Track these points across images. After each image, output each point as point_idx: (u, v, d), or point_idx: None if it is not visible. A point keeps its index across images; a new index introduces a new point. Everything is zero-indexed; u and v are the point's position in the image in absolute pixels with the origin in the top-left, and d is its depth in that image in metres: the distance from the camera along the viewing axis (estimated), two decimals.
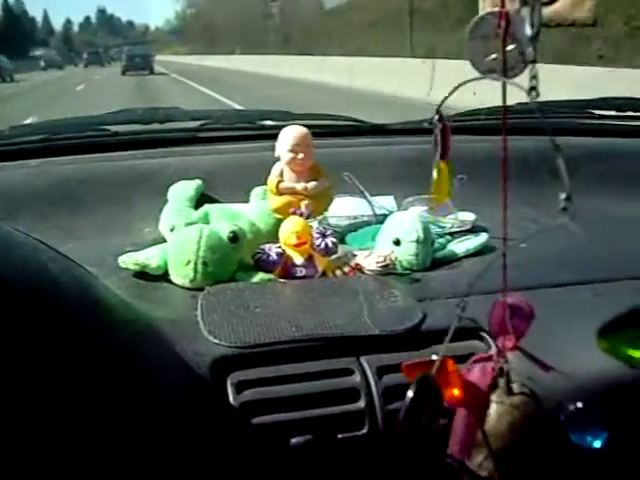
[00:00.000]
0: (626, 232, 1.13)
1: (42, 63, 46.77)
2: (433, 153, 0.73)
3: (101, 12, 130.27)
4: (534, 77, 0.38)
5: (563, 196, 0.40)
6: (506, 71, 0.44)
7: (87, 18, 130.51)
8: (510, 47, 0.43)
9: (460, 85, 0.49)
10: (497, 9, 0.43)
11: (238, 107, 9.17)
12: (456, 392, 0.53)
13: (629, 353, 0.46)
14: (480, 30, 0.44)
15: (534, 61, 0.38)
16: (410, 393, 0.52)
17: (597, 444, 0.55)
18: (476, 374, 0.53)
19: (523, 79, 0.43)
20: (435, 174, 0.54)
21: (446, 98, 0.53)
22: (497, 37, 0.43)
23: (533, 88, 0.39)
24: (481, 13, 0.44)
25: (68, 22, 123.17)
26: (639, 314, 0.42)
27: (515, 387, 0.52)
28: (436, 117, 0.54)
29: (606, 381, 0.75)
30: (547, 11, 0.45)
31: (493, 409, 0.53)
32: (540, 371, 0.70)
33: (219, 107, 10.71)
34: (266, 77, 21.68)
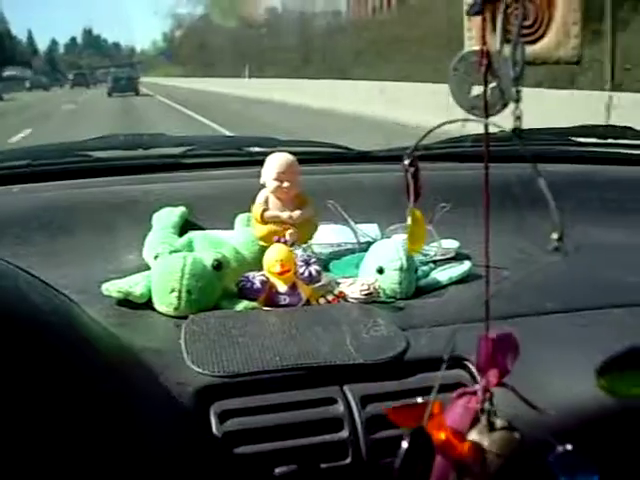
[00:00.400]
0: (608, 260, 1.14)
1: (27, 84, 47.29)
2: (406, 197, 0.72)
3: (87, 33, 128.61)
4: (518, 118, 0.39)
5: (555, 236, 0.40)
6: (487, 110, 0.44)
7: (73, 39, 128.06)
8: (491, 85, 0.44)
9: (439, 126, 0.50)
10: (478, 47, 0.43)
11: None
12: (442, 436, 0.53)
13: (632, 392, 0.45)
14: (462, 67, 0.45)
15: (517, 100, 0.39)
16: (405, 444, 0.51)
17: None
18: (458, 410, 0.53)
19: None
20: (409, 221, 0.54)
21: (417, 142, 0.53)
22: (478, 74, 0.44)
23: (517, 128, 0.39)
24: (463, 51, 0.45)
25: (54, 42, 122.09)
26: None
27: (498, 423, 0.52)
28: (406, 162, 0.54)
29: (592, 414, 0.75)
30: (531, 49, 0.45)
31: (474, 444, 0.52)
32: (525, 406, 0.70)
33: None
34: (294, 108, 17.68)
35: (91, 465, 0.60)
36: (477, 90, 0.45)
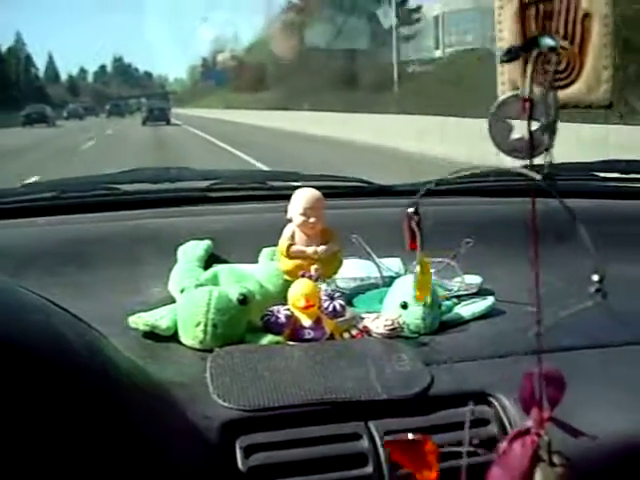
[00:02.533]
0: (633, 295, 1.14)
1: (65, 113, 51.84)
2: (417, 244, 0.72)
3: (117, 61, 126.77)
4: (550, 164, 0.40)
5: (596, 278, 0.41)
6: (532, 151, 0.45)
7: (102, 67, 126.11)
8: (534, 127, 0.44)
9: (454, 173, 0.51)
10: (518, 92, 0.44)
11: None
12: (431, 474, 0.53)
13: None
14: (503, 112, 0.46)
15: (548, 149, 0.40)
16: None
17: None
18: (517, 449, 0.53)
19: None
20: (418, 269, 0.54)
21: (420, 194, 0.54)
22: (520, 119, 0.45)
23: (549, 174, 0.40)
24: (503, 96, 0.45)
25: (82, 71, 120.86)
26: None
27: (554, 458, 0.52)
28: (411, 210, 0.55)
29: (620, 451, 0.75)
30: (562, 94, 0.46)
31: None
32: (573, 439, 0.71)
33: None
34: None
35: None
36: (517, 133, 0.46)
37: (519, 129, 0.43)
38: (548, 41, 0.40)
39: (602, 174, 1.71)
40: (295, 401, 0.77)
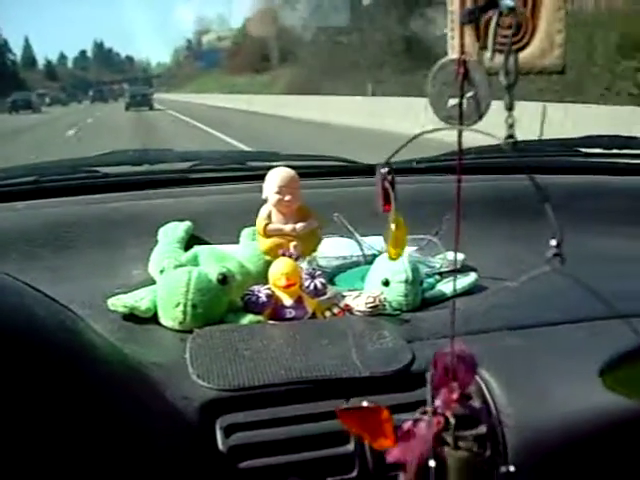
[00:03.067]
0: (611, 270, 1.14)
1: (47, 100, 53.13)
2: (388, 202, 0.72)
3: (98, 46, 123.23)
4: (511, 126, 0.39)
5: (554, 242, 0.40)
6: (462, 119, 0.44)
7: (83, 52, 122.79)
8: (468, 94, 0.44)
9: (417, 136, 0.50)
10: (456, 56, 0.43)
11: None
12: (387, 442, 0.52)
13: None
14: (440, 77, 0.45)
15: (511, 109, 0.39)
16: (432, 463, 0.51)
17: None
18: (421, 429, 0.52)
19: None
20: (393, 227, 0.53)
21: (397, 151, 0.53)
22: (456, 84, 0.44)
23: (510, 136, 0.39)
24: (442, 60, 0.45)
25: (62, 56, 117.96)
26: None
27: (461, 441, 0.51)
28: (384, 170, 0.54)
29: (593, 423, 0.75)
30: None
31: (435, 464, 0.52)
32: (530, 413, 0.70)
33: None
34: None
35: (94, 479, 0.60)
36: (454, 100, 0.45)
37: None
38: (507, 2, 0.39)
39: (585, 150, 1.71)
40: (275, 380, 0.77)
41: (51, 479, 0.57)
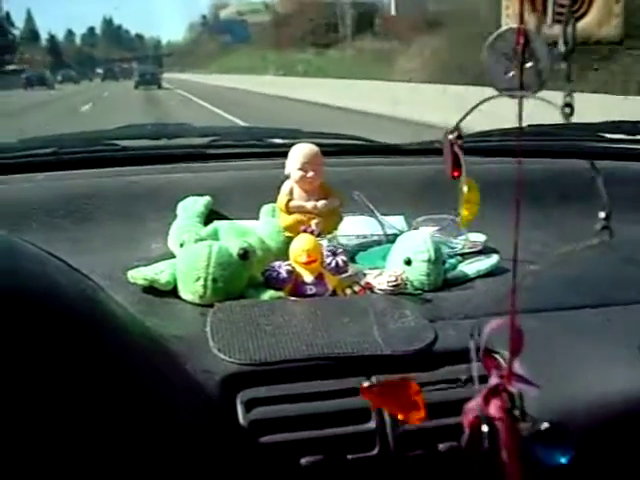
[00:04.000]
0: (634, 256, 1.13)
1: (59, 77, 52.25)
2: (444, 171, 0.71)
3: (107, 23, 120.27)
4: (569, 94, 0.38)
5: (602, 215, 0.39)
6: (522, 87, 0.43)
7: (91, 29, 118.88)
8: (528, 65, 0.42)
9: (482, 102, 0.49)
10: (516, 25, 0.42)
11: None
12: (419, 414, 0.52)
13: None
14: (498, 47, 0.44)
15: (569, 80, 0.37)
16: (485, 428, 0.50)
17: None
18: (491, 406, 0.51)
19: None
20: (465, 190, 0.52)
21: (464, 117, 0.52)
22: (515, 54, 0.42)
23: (568, 105, 0.38)
24: (500, 29, 0.44)
25: (70, 33, 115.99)
26: None
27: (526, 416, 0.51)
28: (453, 135, 0.53)
29: (618, 406, 0.74)
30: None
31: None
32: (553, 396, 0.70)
33: None
34: None
35: (116, 450, 0.60)
36: (512, 72, 0.44)
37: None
38: None
39: (608, 135, 1.69)
40: (296, 355, 0.76)
41: (72, 446, 0.57)
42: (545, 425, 0.51)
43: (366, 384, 0.55)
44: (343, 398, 0.74)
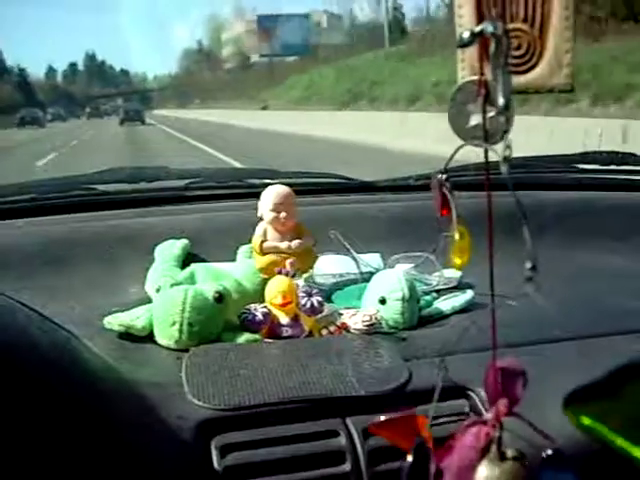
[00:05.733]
0: (610, 286, 1.14)
1: (49, 116, 56.52)
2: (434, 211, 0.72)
3: (90, 58, 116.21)
4: (508, 147, 0.39)
5: (528, 265, 0.40)
6: (487, 138, 0.44)
7: (72, 65, 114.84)
8: (490, 114, 0.44)
9: (458, 149, 0.50)
10: (476, 77, 0.44)
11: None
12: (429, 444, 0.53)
13: (596, 428, 0.44)
14: (459, 98, 0.45)
15: (506, 131, 0.39)
16: (410, 458, 0.51)
17: None
18: (469, 438, 0.52)
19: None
20: (457, 237, 0.53)
21: (451, 158, 0.54)
22: (476, 104, 0.44)
23: (506, 158, 0.39)
24: (461, 81, 0.45)
25: (51, 69, 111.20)
26: (604, 386, 0.41)
27: (508, 452, 0.52)
28: (443, 176, 0.54)
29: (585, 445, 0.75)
30: (524, 79, 0.46)
31: (484, 474, 0.52)
32: (534, 435, 0.70)
33: None
34: None
35: None
36: (475, 120, 0.45)
37: (478, 116, 0.42)
38: (489, 27, 0.39)
39: (582, 166, 1.71)
40: (271, 399, 0.76)
41: None
42: (549, 452, 0.52)
43: (373, 422, 0.55)
44: (318, 440, 0.74)
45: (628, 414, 0.37)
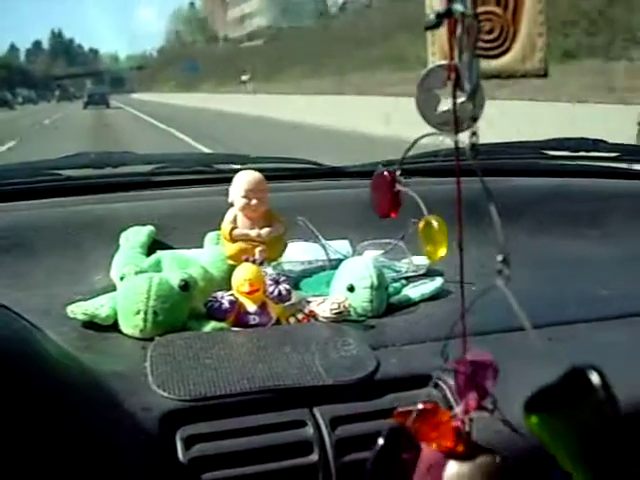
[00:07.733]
0: (579, 273, 1.14)
1: (20, 99, 59.67)
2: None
3: (57, 37, 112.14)
4: (474, 134, 0.38)
5: (500, 258, 0.39)
6: (457, 125, 0.43)
7: (37, 43, 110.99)
8: (460, 100, 0.43)
9: (417, 140, 0.49)
10: (446, 62, 0.42)
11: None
12: (448, 443, 0.52)
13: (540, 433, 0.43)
14: (429, 83, 0.44)
15: (475, 118, 0.38)
16: (380, 441, 0.50)
17: None
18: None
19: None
20: (436, 226, 0.52)
21: (404, 155, 0.53)
22: (445, 89, 0.43)
23: (474, 145, 0.38)
24: (430, 65, 0.44)
25: (13, 48, 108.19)
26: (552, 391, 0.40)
27: (478, 447, 0.51)
28: (398, 172, 0.53)
29: None
30: (497, 63, 0.45)
31: (454, 470, 0.51)
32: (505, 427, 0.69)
33: None
34: None
35: None
36: (445, 106, 0.44)
37: (447, 101, 0.41)
38: (458, 7, 0.38)
39: (552, 152, 1.72)
40: (237, 389, 0.75)
41: None
42: None
43: (399, 410, 0.54)
44: (285, 431, 0.73)
45: (576, 422, 0.37)
